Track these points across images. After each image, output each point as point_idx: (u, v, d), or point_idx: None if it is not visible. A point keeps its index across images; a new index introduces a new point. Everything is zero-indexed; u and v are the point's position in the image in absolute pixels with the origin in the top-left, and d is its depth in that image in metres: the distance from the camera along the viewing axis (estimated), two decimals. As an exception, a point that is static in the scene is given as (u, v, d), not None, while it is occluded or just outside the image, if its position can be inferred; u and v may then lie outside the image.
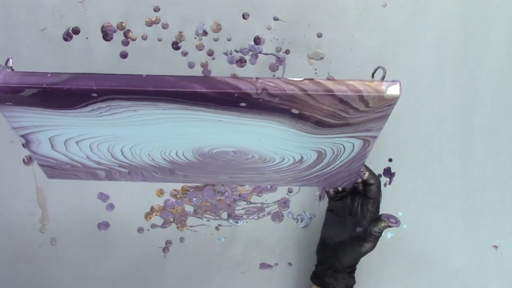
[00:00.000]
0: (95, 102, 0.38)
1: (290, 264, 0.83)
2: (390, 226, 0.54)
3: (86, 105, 0.39)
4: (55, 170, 0.55)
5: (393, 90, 0.32)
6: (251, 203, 0.83)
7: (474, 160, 0.84)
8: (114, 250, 0.82)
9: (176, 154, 0.47)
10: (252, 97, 0.33)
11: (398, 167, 0.84)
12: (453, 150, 0.85)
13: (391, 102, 0.32)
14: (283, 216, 0.84)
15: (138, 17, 0.79)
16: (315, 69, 0.82)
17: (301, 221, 0.84)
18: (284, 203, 0.84)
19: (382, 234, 0.56)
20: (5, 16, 0.78)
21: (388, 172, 0.84)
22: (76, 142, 0.47)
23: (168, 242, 0.83)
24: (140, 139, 0.44)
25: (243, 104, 0.35)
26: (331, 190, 0.64)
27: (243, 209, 0.83)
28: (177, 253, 0.83)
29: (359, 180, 0.57)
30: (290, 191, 0.83)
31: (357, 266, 0.68)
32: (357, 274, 0.71)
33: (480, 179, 0.85)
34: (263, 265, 0.83)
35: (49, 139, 0.47)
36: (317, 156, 0.45)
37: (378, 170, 0.83)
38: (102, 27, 0.79)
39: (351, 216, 0.59)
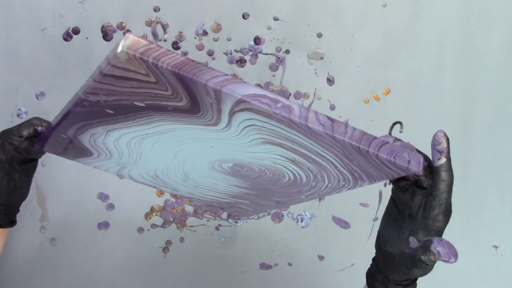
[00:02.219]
0: (72, 142, 0.42)
1: (290, 264, 0.83)
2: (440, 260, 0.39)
3: (84, 151, 0.44)
4: (222, 209, 0.58)
5: (120, 48, 0.28)
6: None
7: (474, 160, 0.84)
8: (114, 250, 0.82)
9: (216, 169, 0.45)
10: (91, 100, 0.34)
11: (398, 167, 0.84)
12: (453, 150, 0.85)
13: (129, 62, 0.29)
14: (283, 216, 0.83)
15: (138, 17, 0.79)
16: (315, 69, 0.82)
17: (301, 221, 0.84)
18: (284, 203, 0.84)
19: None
20: (6, 16, 0.78)
21: (388, 172, 0.84)
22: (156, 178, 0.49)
23: (168, 242, 0.82)
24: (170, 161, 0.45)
25: (109, 111, 0.35)
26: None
27: (243, 209, 0.83)
28: (177, 253, 0.83)
29: (419, 171, 0.41)
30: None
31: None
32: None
33: (480, 179, 0.85)
34: (263, 265, 0.83)
35: (156, 172, 0.48)
36: (282, 152, 0.39)
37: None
38: (102, 27, 0.79)
39: (411, 219, 0.43)
